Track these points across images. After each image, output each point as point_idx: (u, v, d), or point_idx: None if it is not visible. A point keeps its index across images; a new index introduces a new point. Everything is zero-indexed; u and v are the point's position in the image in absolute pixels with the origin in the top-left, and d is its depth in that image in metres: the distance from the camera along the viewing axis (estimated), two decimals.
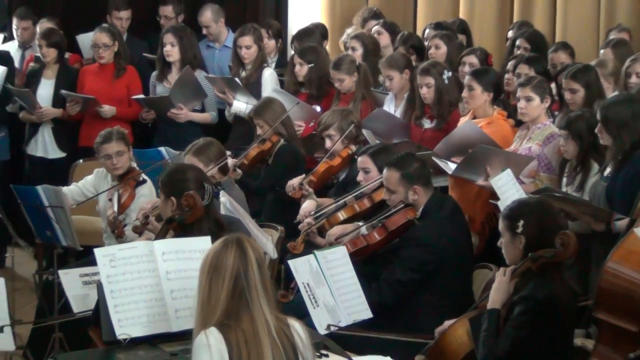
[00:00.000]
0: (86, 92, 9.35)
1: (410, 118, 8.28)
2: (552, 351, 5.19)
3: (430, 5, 12.72)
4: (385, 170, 6.49)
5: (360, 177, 6.90)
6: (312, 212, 7.11)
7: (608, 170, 6.55)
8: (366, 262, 6.48)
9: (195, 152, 7.08)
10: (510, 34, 10.51)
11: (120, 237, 7.08)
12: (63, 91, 9.40)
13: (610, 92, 7.71)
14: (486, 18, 12.26)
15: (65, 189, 7.55)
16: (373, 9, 11.41)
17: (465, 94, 7.87)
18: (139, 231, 6.52)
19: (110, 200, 7.32)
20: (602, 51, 9.19)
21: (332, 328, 5.50)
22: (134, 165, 7.44)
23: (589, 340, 5.81)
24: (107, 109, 9.22)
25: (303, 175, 7.57)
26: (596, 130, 6.54)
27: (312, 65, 8.89)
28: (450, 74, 8.21)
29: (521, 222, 5.21)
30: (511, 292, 5.16)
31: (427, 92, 8.06)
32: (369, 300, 5.83)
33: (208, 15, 10.39)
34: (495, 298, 5.18)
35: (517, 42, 9.54)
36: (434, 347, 5.41)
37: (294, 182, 7.53)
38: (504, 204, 6.22)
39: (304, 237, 6.72)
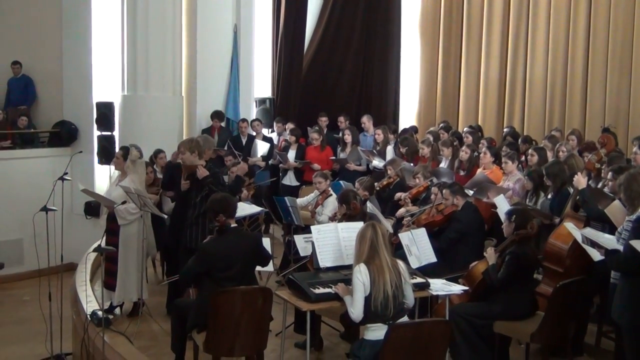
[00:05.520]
0: (308, 159, 9.40)
1: (453, 169, 8.02)
2: (523, 280, 5.00)
3: (464, 116, 12.56)
4: (444, 190, 6.36)
5: (433, 196, 6.68)
6: (404, 212, 6.95)
7: (549, 196, 6.29)
8: (435, 233, 6.32)
9: (362, 184, 7.05)
10: (505, 130, 10.49)
11: (312, 217, 7.22)
12: (297, 160, 9.48)
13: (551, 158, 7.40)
14: (491, 123, 12.10)
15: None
16: (443, 122, 11.25)
17: (481, 157, 7.68)
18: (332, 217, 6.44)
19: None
20: (543, 141, 8.91)
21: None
22: (330, 188, 7.40)
23: (539, 275, 5.57)
24: (316, 166, 9.21)
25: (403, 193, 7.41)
26: (544, 178, 6.31)
27: (407, 147, 8.75)
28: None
29: (513, 217, 5.06)
30: (499, 255, 4.98)
31: (462, 157, 7.91)
32: (434, 247, 5.70)
33: (365, 119, 10.27)
34: (489, 260, 5.04)
35: (507, 137, 9.50)
36: (467, 275, 5.28)
37: (403, 196, 7.36)
38: (500, 211, 6.01)
39: (406, 225, 6.55)
